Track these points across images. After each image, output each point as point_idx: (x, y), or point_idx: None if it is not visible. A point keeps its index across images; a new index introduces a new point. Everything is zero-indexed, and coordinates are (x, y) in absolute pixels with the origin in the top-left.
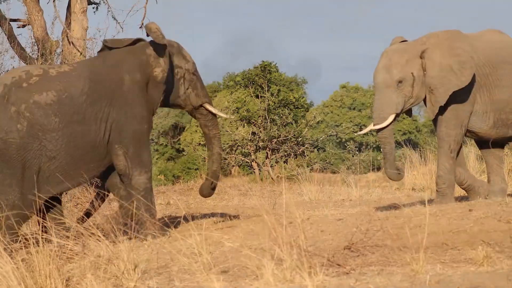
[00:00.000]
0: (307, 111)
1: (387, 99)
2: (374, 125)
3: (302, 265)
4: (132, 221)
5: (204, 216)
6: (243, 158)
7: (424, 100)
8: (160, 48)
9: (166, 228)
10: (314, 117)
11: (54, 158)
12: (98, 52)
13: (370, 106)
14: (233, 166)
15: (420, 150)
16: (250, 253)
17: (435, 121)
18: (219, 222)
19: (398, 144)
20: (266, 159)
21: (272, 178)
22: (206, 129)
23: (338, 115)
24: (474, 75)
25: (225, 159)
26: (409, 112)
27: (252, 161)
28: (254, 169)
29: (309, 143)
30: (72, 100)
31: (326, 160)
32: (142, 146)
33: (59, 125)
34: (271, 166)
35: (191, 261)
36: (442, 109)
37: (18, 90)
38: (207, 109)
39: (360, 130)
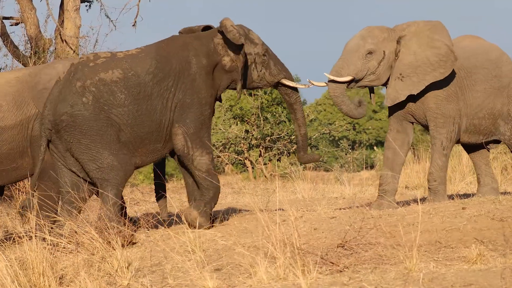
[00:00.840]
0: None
1: (351, 61)
2: (329, 75)
3: (296, 263)
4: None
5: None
6: (236, 156)
7: (384, 86)
8: (234, 46)
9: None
10: (307, 115)
11: (123, 131)
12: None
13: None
14: (226, 164)
15: (413, 148)
16: (243, 251)
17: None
18: (213, 220)
19: None
20: (259, 157)
21: (265, 176)
22: (286, 96)
23: (331, 113)
24: (453, 71)
25: (218, 157)
26: (370, 90)
27: (245, 159)
28: (247, 167)
29: None
30: (139, 78)
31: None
32: (204, 129)
33: (124, 101)
34: (264, 164)
35: (185, 259)
36: (426, 111)
37: (84, 68)
38: (283, 84)
39: (354, 129)
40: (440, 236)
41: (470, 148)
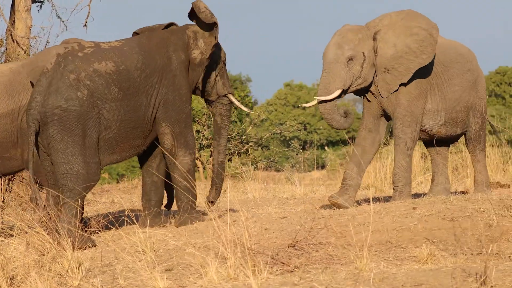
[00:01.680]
0: (252, 110)
1: (335, 74)
2: (317, 96)
3: (246, 263)
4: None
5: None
6: None
7: (369, 85)
8: (206, 26)
9: (203, 213)
10: (259, 115)
11: (110, 128)
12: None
13: (315, 104)
14: None
15: None
16: (194, 251)
17: (367, 118)
18: (163, 220)
19: (342, 142)
20: (210, 157)
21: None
22: (219, 118)
23: (282, 113)
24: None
25: None
26: (359, 93)
27: (196, 159)
28: (198, 168)
29: (253, 141)
30: (129, 73)
31: (270, 158)
32: (187, 126)
33: (117, 95)
34: None
35: (135, 259)
36: (396, 107)
37: (75, 59)
38: (230, 100)
39: (305, 129)
40: (390, 236)
41: (431, 145)
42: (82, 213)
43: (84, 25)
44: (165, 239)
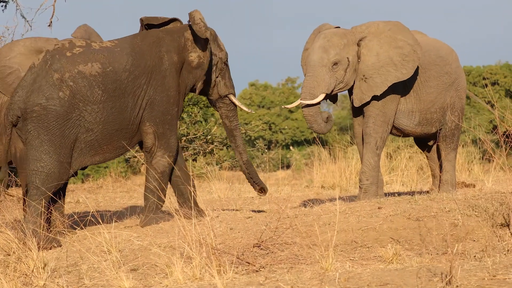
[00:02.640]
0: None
1: (320, 78)
2: (302, 99)
3: (211, 263)
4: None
5: (114, 214)
6: None
7: (351, 89)
8: (199, 39)
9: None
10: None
11: (92, 130)
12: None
13: (279, 104)
14: (142, 164)
15: (329, 148)
16: (159, 251)
17: (356, 115)
18: (129, 220)
19: (307, 142)
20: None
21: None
22: (227, 120)
23: (247, 113)
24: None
25: (135, 157)
26: (334, 98)
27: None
28: None
29: (218, 141)
30: (116, 74)
31: (235, 158)
32: (171, 128)
33: (101, 98)
34: None
35: (101, 259)
36: (369, 106)
37: (61, 58)
38: (231, 100)
39: (270, 129)
40: (356, 235)
41: (423, 145)
42: (50, 213)
43: (49, 25)
44: (130, 239)
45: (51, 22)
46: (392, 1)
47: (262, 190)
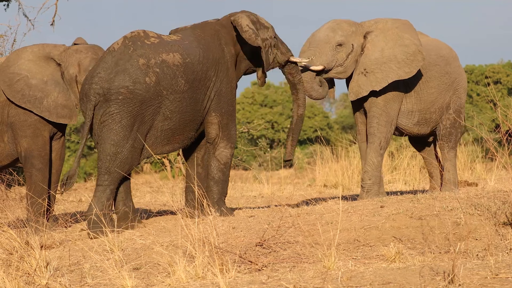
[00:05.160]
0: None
1: (322, 51)
2: (301, 60)
3: (214, 262)
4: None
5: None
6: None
7: (348, 80)
8: (250, 47)
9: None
10: None
11: (170, 119)
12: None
13: (282, 103)
14: (144, 162)
15: (331, 147)
16: (162, 250)
17: (358, 113)
18: (131, 219)
19: (310, 141)
20: (177, 156)
21: (183, 175)
22: (290, 76)
23: (249, 111)
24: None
25: None
26: (331, 82)
27: (164, 157)
28: (165, 166)
29: None
30: (193, 65)
31: (238, 157)
32: (233, 119)
33: (183, 87)
34: (182, 163)
35: (103, 258)
36: (372, 106)
37: (144, 45)
38: (292, 61)
39: (272, 127)
40: (358, 234)
41: (418, 145)
42: (51, 211)
43: (51, 24)
44: (133, 237)
45: (54, 21)
46: (393, 0)
47: (288, 159)
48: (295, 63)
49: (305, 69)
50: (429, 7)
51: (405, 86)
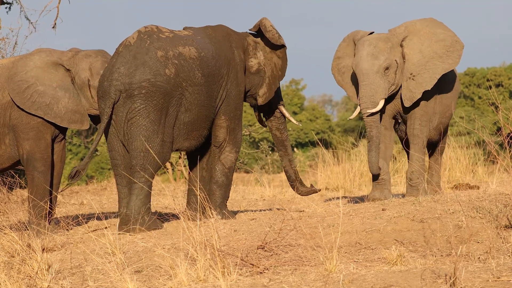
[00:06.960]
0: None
1: (377, 85)
2: (363, 108)
3: (216, 264)
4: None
5: (118, 216)
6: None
7: (398, 89)
8: (273, 46)
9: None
10: None
11: (190, 111)
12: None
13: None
14: None
15: (333, 150)
16: (163, 253)
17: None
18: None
19: (311, 144)
20: (179, 158)
21: (185, 178)
22: (278, 132)
23: (251, 114)
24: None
25: None
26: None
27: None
28: (167, 169)
29: None
30: (208, 60)
31: (239, 160)
32: (239, 124)
33: (200, 80)
34: (184, 166)
35: (105, 261)
36: (414, 107)
37: (160, 38)
38: (281, 111)
39: None
40: (360, 237)
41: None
42: (53, 214)
43: (53, 27)
44: (134, 240)
45: (55, 24)
46: (395, 3)
47: (313, 190)
48: (283, 116)
49: (371, 114)
50: (430, 10)
51: (436, 87)
